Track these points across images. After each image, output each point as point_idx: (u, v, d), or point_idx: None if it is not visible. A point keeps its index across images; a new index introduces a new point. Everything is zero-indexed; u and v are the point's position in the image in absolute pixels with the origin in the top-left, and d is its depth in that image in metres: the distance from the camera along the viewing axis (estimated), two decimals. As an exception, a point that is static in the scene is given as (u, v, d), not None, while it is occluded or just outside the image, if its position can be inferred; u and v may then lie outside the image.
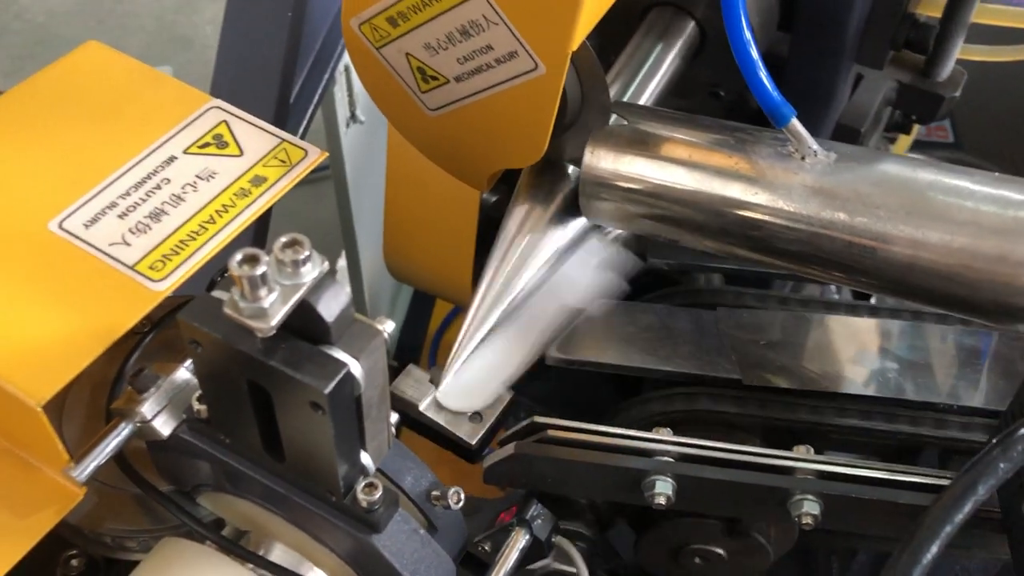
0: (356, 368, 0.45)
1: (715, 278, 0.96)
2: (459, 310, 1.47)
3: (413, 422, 0.70)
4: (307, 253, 0.43)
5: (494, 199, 0.86)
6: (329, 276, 0.44)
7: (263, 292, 0.42)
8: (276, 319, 0.43)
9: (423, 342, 1.62)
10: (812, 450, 0.71)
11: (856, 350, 0.80)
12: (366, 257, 1.55)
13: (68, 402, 0.63)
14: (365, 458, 0.51)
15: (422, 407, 0.69)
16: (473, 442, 0.69)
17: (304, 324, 0.45)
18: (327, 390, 0.44)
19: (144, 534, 0.60)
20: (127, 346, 0.64)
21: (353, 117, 1.40)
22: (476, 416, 0.69)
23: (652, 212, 0.70)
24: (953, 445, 0.75)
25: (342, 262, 1.64)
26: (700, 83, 0.92)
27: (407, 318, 1.66)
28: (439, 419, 0.69)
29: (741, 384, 0.77)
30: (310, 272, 0.43)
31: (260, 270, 0.42)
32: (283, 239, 0.43)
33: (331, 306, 0.45)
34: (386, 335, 0.48)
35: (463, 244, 0.87)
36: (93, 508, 0.61)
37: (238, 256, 0.42)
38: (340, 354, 0.45)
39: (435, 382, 0.70)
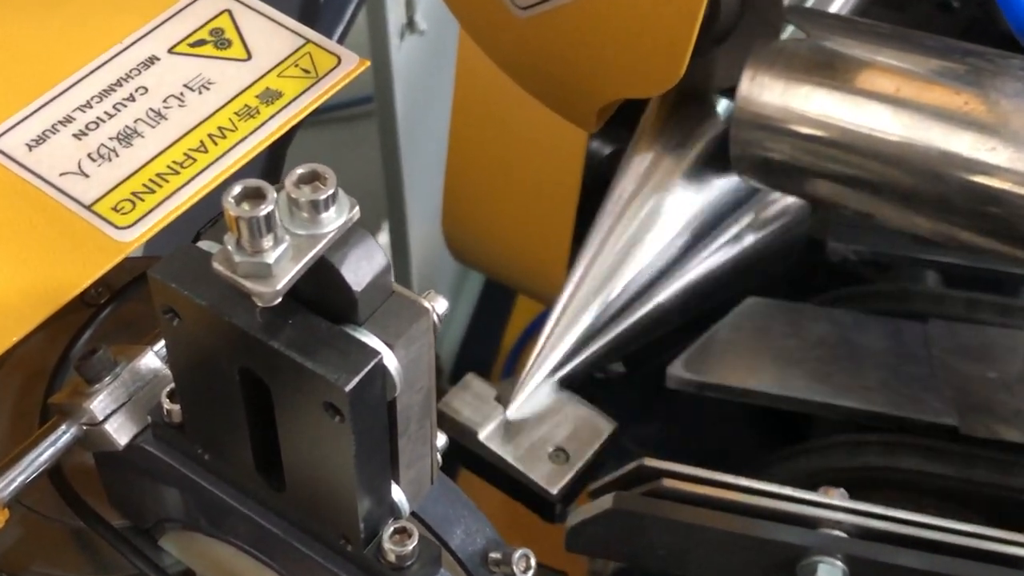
0: (391, 359, 0.46)
1: (928, 275, 0.95)
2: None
3: (469, 456, 0.70)
4: (331, 191, 0.44)
5: (608, 151, 0.87)
6: (359, 228, 0.46)
7: (267, 242, 0.43)
8: (283, 281, 0.44)
9: (495, 357, 1.63)
10: (1059, 533, 0.70)
11: None
12: (418, 228, 1.56)
13: (-9, 394, 0.66)
14: (397, 493, 0.52)
15: (482, 435, 0.70)
16: (554, 491, 0.69)
17: (322, 293, 0.46)
18: (349, 386, 0.45)
19: (84, 584, 0.62)
20: (75, 320, 0.66)
21: (410, 25, 1.42)
22: (560, 454, 0.70)
23: (836, 171, 0.70)
24: None
25: (384, 236, 1.66)
26: (924, -12, 0.92)
27: (473, 320, 1.67)
28: (506, 454, 0.70)
29: (957, 434, 0.77)
30: (334, 220, 0.44)
31: (265, 210, 0.43)
32: (300, 170, 0.44)
33: (361, 269, 0.46)
34: (436, 317, 0.49)
35: (558, 213, 0.88)
36: (17, 543, 0.62)
37: (235, 189, 0.43)
38: (370, 338, 0.46)
39: (503, 400, 0.71)
